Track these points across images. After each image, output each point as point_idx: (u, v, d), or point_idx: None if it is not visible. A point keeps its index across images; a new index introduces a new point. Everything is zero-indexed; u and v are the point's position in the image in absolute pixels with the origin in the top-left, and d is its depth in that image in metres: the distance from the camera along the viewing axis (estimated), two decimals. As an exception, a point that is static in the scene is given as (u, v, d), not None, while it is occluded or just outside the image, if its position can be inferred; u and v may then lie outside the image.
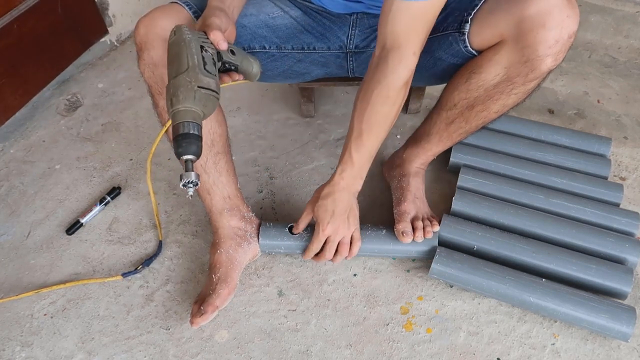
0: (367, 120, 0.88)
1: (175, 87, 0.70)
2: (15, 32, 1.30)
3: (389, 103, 0.85)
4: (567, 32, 0.78)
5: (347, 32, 0.99)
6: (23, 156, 1.34)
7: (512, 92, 0.88)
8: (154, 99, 0.91)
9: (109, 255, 1.11)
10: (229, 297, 0.99)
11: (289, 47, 1.00)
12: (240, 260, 1.02)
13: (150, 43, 0.85)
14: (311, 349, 0.95)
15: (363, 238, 1.01)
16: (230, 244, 1.01)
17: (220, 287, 0.97)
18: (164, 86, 0.86)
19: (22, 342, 0.98)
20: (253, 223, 1.06)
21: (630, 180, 1.21)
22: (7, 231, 1.16)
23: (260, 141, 1.34)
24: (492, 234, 1.02)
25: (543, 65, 0.81)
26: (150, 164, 0.85)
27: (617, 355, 0.92)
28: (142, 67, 0.88)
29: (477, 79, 0.89)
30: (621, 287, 0.94)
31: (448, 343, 0.95)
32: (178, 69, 0.71)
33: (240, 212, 1.04)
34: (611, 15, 1.72)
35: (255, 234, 1.05)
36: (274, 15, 0.98)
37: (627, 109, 1.39)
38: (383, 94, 0.84)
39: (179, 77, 0.70)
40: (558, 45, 0.79)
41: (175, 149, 0.68)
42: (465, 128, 0.98)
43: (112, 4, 1.60)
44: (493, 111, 0.92)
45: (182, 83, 0.70)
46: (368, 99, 0.86)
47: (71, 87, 1.53)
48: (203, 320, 0.94)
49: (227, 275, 0.99)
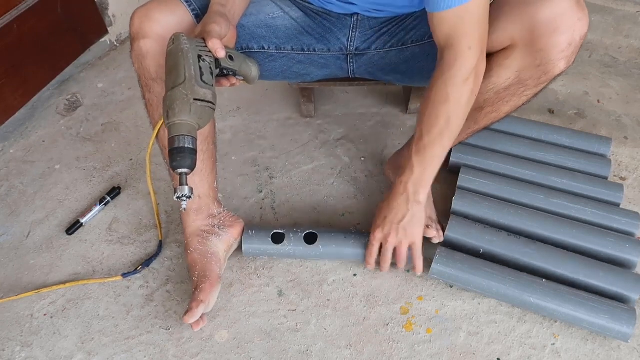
0: (427, 121, 0.85)
1: (171, 99, 0.71)
2: (15, 32, 1.30)
3: (448, 101, 0.82)
4: (579, 34, 0.78)
5: (348, 34, 0.99)
6: (23, 156, 1.34)
7: (524, 94, 0.88)
8: (142, 89, 0.92)
9: (108, 256, 1.11)
10: (213, 290, 0.95)
11: (288, 48, 1.00)
12: (213, 252, 1.00)
13: (142, 34, 0.85)
14: (311, 349, 0.95)
15: (335, 245, 1.02)
16: (197, 241, 1.00)
17: (201, 282, 0.96)
18: (151, 78, 0.88)
19: (22, 342, 0.98)
20: (222, 216, 1.04)
21: (631, 180, 1.21)
22: (7, 231, 1.16)
23: (260, 141, 1.34)
24: (499, 237, 1.00)
25: (556, 69, 0.82)
26: (149, 162, 0.85)
27: (617, 355, 0.92)
28: (133, 58, 0.89)
29: (488, 82, 0.88)
30: (629, 294, 0.94)
31: (448, 343, 0.95)
32: (175, 80, 0.72)
33: (209, 211, 1.02)
34: (611, 15, 1.72)
35: (227, 224, 1.03)
36: (274, 15, 0.98)
37: (628, 109, 1.39)
38: (442, 92, 0.82)
39: (175, 90, 0.71)
40: (571, 48, 0.79)
41: (170, 163, 0.71)
42: (473, 128, 0.98)
43: (112, 4, 1.60)
44: (503, 112, 0.92)
45: (178, 96, 0.71)
46: (428, 98, 0.84)
47: (71, 87, 1.53)
48: (191, 316, 0.90)
49: (205, 269, 0.97)
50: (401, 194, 0.91)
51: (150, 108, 0.94)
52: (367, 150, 1.30)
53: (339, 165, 1.27)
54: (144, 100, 0.94)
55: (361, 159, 1.28)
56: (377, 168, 1.24)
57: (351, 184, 1.23)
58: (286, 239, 1.03)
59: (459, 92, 0.82)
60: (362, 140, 1.33)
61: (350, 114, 1.40)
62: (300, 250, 1.03)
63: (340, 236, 1.03)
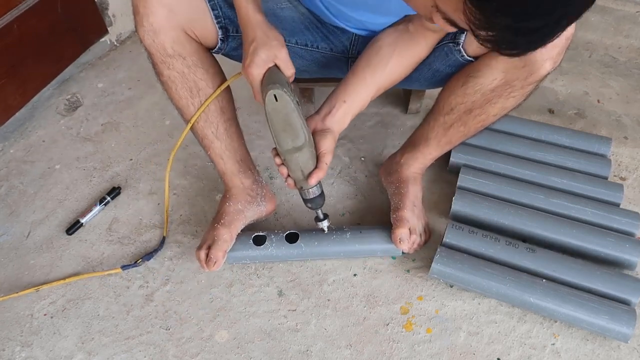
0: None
1: (304, 162, 0.81)
2: (15, 32, 1.30)
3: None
4: (564, 35, 0.78)
5: (351, 38, 0.98)
6: (23, 156, 1.34)
7: (511, 95, 0.87)
8: (157, 68, 0.88)
9: (108, 255, 1.11)
10: (231, 243, 1.02)
11: (292, 41, 0.99)
12: (246, 215, 1.06)
13: (149, 8, 0.80)
14: (311, 349, 0.95)
15: (317, 242, 1.04)
16: (241, 200, 1.05)
17: (224, 232, 1.01)
18: (167, 55, 0.85)
19: (22, 342, 0.98)
20: (264, 188, 1.09)
21: (630, 180, 1.21)
22: (7, 231, 1.16)
23: (260, 141, 1.34)
24: (495, 247, 1.00)
25: (542, 69, 0.82)
26: (172, 159, 0.93)
27: (617, 355, 0.92)
28: (142, 33, 0.83)
29: (475, 82, 0.88)
30: (628, 297, 0.94)
31: (448, 343, 0.95)
32: (295, 140, 0.79)
33: (253, 175, 1.07)
34: (611, 15, 1.72)
35: (266, 198, 1.09)
36: (282, 6, 0.97)
37: (628, 109, 1.39)
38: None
39: (304, 151, 0.80)
40: (556, 49, 0.79)
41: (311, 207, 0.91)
42: (464, 132, 0.97)
43: (112, 4, 1.60)
44: (492, 114, 0.92)
45: (308, 156, 0.81)
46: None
47: (71, 87, 1.53)
48: (217, 267, 0.99)
49: (231, 223, 1.03)
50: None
51: (172, 85, 0.89)
52: (367, 150, 1.30)
53: (339, 165, 1.27)
54: (160, 79, 0.90)
55: (361, 159, 1.28)
56: (377, 168, 1.24)
57: (351, 183, 1.23)
58: (268, 240, 1.04)
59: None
60: (362, 140, 1.33)
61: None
62: (283, 251, 1.03)
63: (321, 234, 1.04)
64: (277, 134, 0.79)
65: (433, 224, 1.13)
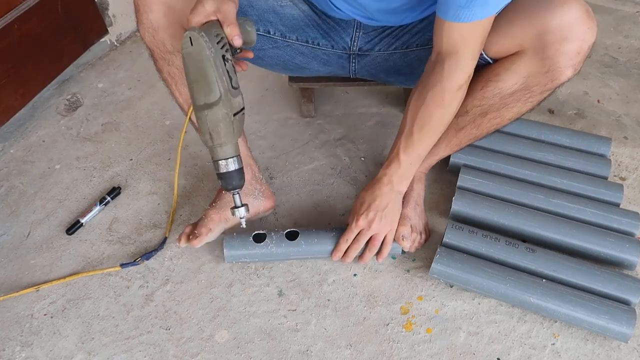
0: (419, 121, 0.88)
1: (213, 122, 0.69)
2: (15, 33, 1.30)
3: (443, 106, 0.85)
4: (587, 44, 0.79)
5: (352, 34, 0.99)
6: (23, 156, 1.34)
7: (529, 100, 0.88)
8: (157, 64, 0.90)
9: (109, 255, 1.11)
10: (219, 224, 1.02)
11: (293, 38, 0.99)
12: None
13: (148, 6, 0.82)
14: (311, 349, 0.95)
15: (316, 240, 1.02)
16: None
17: (213, 212, 1.01)
18: (167, 51, 0.86)
19: (22, 342, 0.98)
20: (263, 185, 1.09)
21: (630, 180, 1.21)
22: (7, 231, 1.16)
23: (260, 141, 1.34)
24: (496, 247, 0.99)
25: (563, 76, 0.82)
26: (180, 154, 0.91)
27: (617, 355, 0.92)
28: (142, 31, 0.85)
29: (494, 86, 0.88)
30: (628, 297, 0.94)
31: (448, 343, 0.95)
32: (208, 96, 0.68)
33: (252, 171, 1.06)
34: (611, 15, 1.72)
35: (265, 195, 1.08)
36: (283, 3, 0.97)
37: (627, 109, 1.39)
38: (438, 97, 0.84)
39: (214, 109, 0.69)
40: (579, 57, 0.80)
41: (223, 186, 0.77)
42: (475, 134, 0.98)
43: (112, 4, 1.60)
44: (507, 118, 0.92)
45: (219, 117, 0.69)
46: (423, 99, 0.86)
47: (71, 87, 1.53)
48: (198, 243, 0.99)
49: (223, 206, 1.03)
50: (386, 185, 0.96)
51: (173, 81, 0.91)
52: (367, 150, 1.31)
53: (339, 165, 1.27)
54: (161, 76, 0.91)
55: (361, 159, 1.29)
56: (377, 168, 1.23)
57: (351, 183, 1.23)
58: (268, 238, 1.03)
59: (454, 99, 0.85)
60: (362, 140, 1.33)
61: (350, 114, 1.40)
62: (283, 249, 1.03)
63: (321, 232, 1.03)
64: (189, 85, 0.70)
65: (433, 224, 1.13)
